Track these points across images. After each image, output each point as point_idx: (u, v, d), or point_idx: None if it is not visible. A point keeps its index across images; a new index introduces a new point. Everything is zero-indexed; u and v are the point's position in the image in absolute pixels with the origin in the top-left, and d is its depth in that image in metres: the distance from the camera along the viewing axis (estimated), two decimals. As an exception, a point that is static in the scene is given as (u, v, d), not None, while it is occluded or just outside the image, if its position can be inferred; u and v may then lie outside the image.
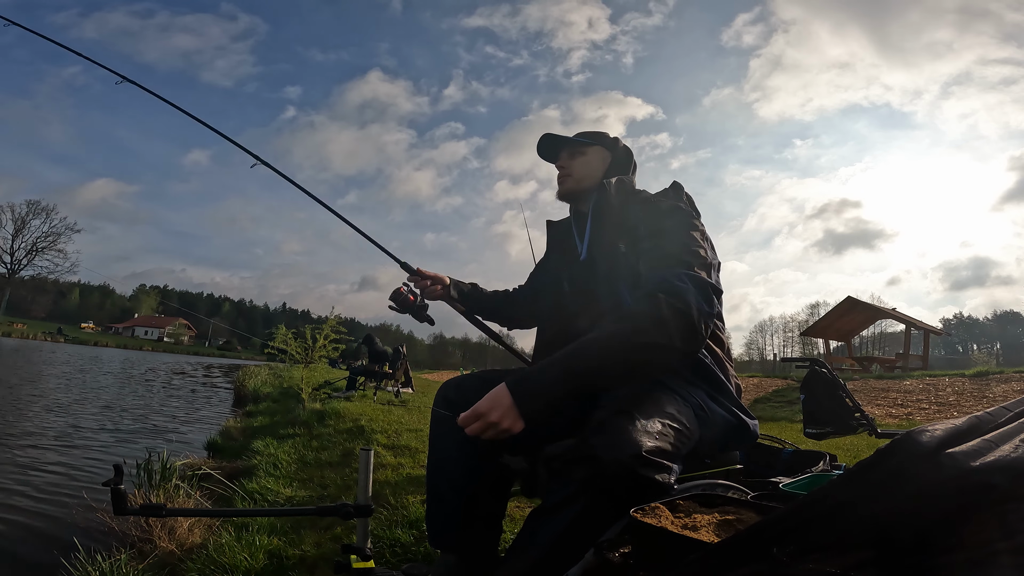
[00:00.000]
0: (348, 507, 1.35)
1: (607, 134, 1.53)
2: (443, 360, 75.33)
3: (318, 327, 7.42)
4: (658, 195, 1.36)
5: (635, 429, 0.97)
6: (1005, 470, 0.56)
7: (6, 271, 58.07)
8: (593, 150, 1.49)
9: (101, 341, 56.67)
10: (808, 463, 1.83)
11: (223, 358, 50.49)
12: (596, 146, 1.49)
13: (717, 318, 1.30)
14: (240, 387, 11.79)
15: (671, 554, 0.77)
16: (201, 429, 6.53)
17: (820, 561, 0.59)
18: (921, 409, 7.15)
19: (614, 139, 1.53)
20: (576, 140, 1.50)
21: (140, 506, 1.23)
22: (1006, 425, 0.64)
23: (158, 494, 2.86)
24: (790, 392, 9.34)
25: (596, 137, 1.51)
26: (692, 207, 1.33)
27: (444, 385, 1.40)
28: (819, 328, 17.07)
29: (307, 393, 6.99)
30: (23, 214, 58.63)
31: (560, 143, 1.52)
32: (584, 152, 1.49)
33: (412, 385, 10.35)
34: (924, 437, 0.60)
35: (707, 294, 1.10)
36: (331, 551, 2.04)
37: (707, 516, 0.87)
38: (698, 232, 1.24)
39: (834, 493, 0.62)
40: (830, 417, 2.16)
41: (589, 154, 1.49)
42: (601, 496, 0.93)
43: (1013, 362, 46.15)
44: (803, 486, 1.19)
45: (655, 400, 1.11)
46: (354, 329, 16.46)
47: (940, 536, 0.56)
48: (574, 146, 1.50)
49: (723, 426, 1.21)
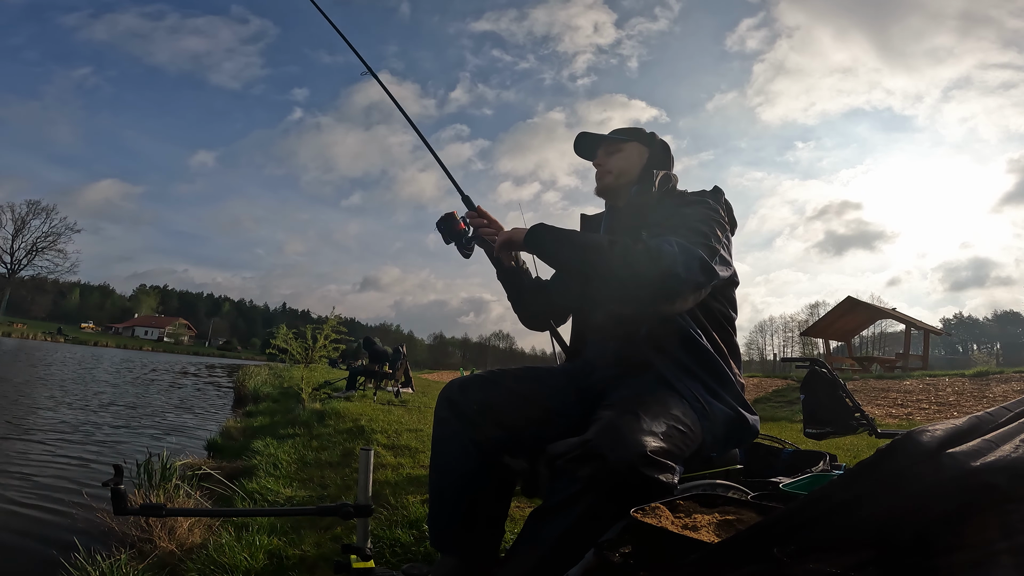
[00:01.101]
0: (348, 507, 1.35)
1: (643, 130, 1.53)
2: (443, 360, 75.34)
3: (318, 327, 7.43)
4: (695, 194, 1.38)
5: (640, 429, 0.98)
6: (1005, 470, 0.56)
7: (6, 271, 58.11)
8: (630, 146, 1.49)
9: (101, 341, 56.62)
10: (808, 463, 1.83)
11: (223, 358, 50.51)
12: (633, 142, 1.50)
13: (726, 320, 1.33)
14: (240, 387, 11.79)
15: (671, 554, 0.77)
16: (201, 429, 6.53)
17: (820, 561, 0.59)
18: (921, 409, 7.16)
19: (651, 134, 1.53)
20: (613, 137, 1.50)
21: (140, 506, 1.23)
22: (1006, 425, 0.64)
23: (158, 494, 2.85)
24: (790, 392, 9.34)
25: (632, 133, 1.52)
26: (725, 210, 1.33)
27: (447, 386, 1.39)
28: (819, 328, 17.08)
29: (307, 393, 6.99)
30: (23, 214, 58.79)
31: (597, 141, 1.53)
32: (621, 149, 1.49)
33: (412, 385, 10.34)
34: (924, 437, 0.60)
35: (690, 263, 1.12)
36: (331, 551, 2.04)
37: (707, 516, 0.87)
38: (715, 224, 1.24)
39: (834, 493, 0.62)
40: (830, 417, 2.16)
41: (626, 150, 1.49)
42: (605, 495, 0.93)
43: (1013, 362, 46.12)
44: (803, 486, 1.19)
45: (660, 401, 1.11)
46: (354, 329, 16.49)
47: (940, 536, 0.56)
48: (611, 143, 1.51)
49: (724, 421, 1.21)
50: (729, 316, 1.35)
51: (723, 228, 1.27)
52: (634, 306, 1.27)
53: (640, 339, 1.28)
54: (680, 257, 1.11)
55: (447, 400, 1.34)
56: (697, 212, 1.27)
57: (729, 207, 1.38)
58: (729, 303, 1.36)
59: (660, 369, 1.23)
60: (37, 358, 18.47)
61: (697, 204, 1.30)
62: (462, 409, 1.31)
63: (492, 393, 1.31)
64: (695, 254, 1.13)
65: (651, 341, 1.27)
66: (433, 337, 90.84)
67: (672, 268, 1.10)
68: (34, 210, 59.22)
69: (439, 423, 1.35)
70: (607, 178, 1.49)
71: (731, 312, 1.36)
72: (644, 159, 1.49)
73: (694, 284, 1.13)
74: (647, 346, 1.27)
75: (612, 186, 1.49)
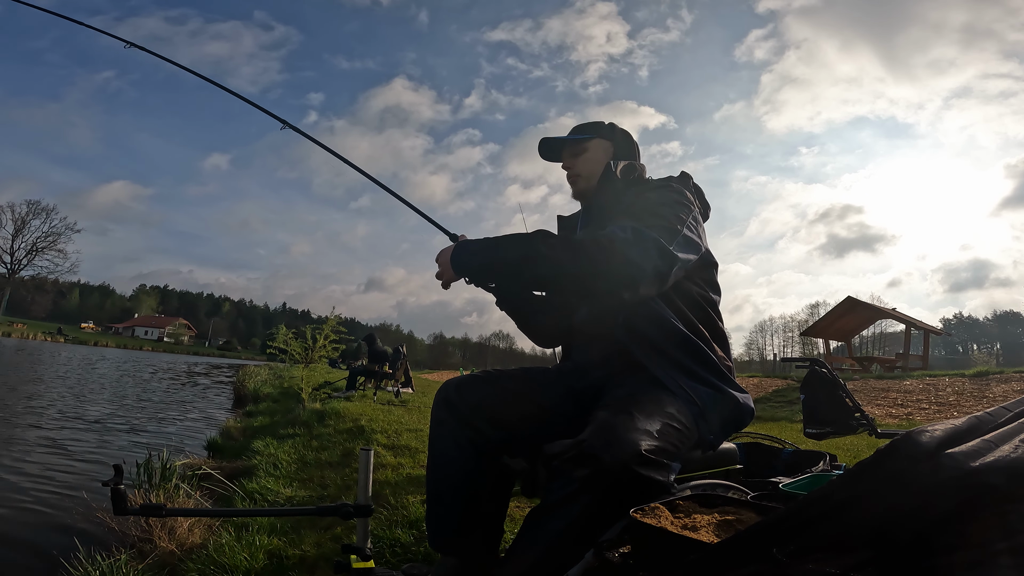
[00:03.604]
0: (348, 507, 1.35)
1: (602, 123, 1.51)
2: (443, 360, 75.32)
3: (318, 327, 7.42)
4: (660, 180, 1.36)
5: (635, 428, 0.98)
6: (1005, 470, 0.56)
7: (6, 271, 58.08)
8: (593, 144, 1.47)
9: (101, 341, 56.62)
10: (808, 463, 1.83)
11: (223, 358, 50.49)
12: (595, 139, 1.48)
13: (707, 303, 1.30)
14: (240, 387, 11.79)
15: (671, 554, 0.77)
16: (201, 428, 6.53)
17: (820, 561, 0.59)
18: (921, 409, 7.15)
19: (610, 126, 1.51)
20: (574, 138, 1.48)
21: (140, 506, 1.23)
22: (1006, 425, 0.64)
23: (158, 494, 2.85)
24: (790, 392, 9.33)
25: (592, 129, 1.49)
26: (693, 193, 1.31)
27: (444, 386, 1.39)
28: (819, 328, 17.07)
29: (307, 393, 6.99)
30: (23, 214, 58.77)
31: (559, 144, 1.51)
32: (586, 149, 1.47)
33: (412, 385, 10.34)
34: (924, 437, 0.60)
35: (645, 247, 1.09)
36: (331, 551, 2.04)
37: (707, 516, 0.87)
38: (678, 206, 1.22)
39: (834, 493, 0.62)
40: (830, 417, 2.16)
41: (591, 149, 1.47)
42: (601, 495, 0.93)
43: (1013, 362, 46.12)
44: (803, 486, 1.19)
45: (655, 399, 1.11)
46: (354, 329, 16.49)
47: (940, 536, 0.56)
48: (574, 144, 1.48)
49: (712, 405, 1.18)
50: (709, 299, 1.31)
51: (687, 210, 1.23)
52: (594, 300, 1.25)
53: (619, 332, 1.25)
54: (633, 243, 1.08)
55: (444, 400, 1.34)
56: (659, 196, 1.25)
57: (699, 191, 1.35)
58: (709, 285, 1.32)
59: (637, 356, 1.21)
60: (38, 358, 18.47)
61: (660, 189, 1.28)
62: (459, 409, 1.30)
63: (489, 393, 1.31)
64: (649, 237, 1.10)
65: (628, 333, 1.23)
66: (433, 337, 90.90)
67: (625, 254, 1.07)
68: (34, 210, 59.33)
69: (436, 423, 1.35)
70: (579, 183, 1.47)
71: (711, 295, 1.32)
72: (609, 154, 1.47)
73: (653, 270, 1.09)
74: (626, 339, 1.24)
75: (585, 189, 1.47)
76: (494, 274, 1.21)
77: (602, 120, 1.52)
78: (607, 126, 1.50)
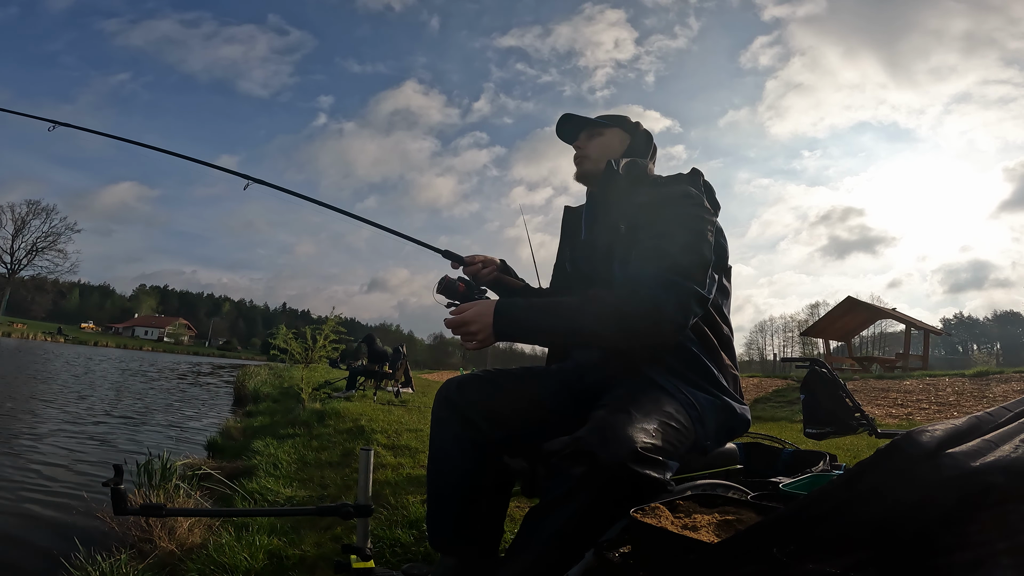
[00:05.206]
0: (348, 507, 1.35)
1: (628, 117, 1.49)
2: (443, 360, 75.19)
3: (318, 327, 7.42)
4: (671, 178, 1.33)
5: (632, 427, 0.98)
6: (1005, 470, 0.56)
7: (6, 271, 58.01)
8: (612, 132, 1.45)
9: (101, 341, 56.61)
10: (808, 463, 1.82)
11: (223, 358, 50.48)
12: (615, 128, 1.46)
13: (716, 311, 1.28)
14: (240, 387, 11.79)
15: (671, 554, 0.77)
16: (201, 428, 6.53)
17: (820, 561, 0.59)
18: (921, 409, 7.15)
19: (635, 123, 1.49)
20: (595, 121, 1.46)
21: (140, 506, 1.23)
22: (1006, 425, 0.64)
23: (158, 494, 2.85)
24: (790, 392, 9.32)
25: (616, 120, 1.48)
26: (707, 197, 1.27)
27: (444, 385, 1.39)
28: (819, 328, 17.07)
29: (307, 393, 6.99)
30: (23, 214, 58.71)
31: (580, 124, 1.48)
32: (602, 133, 1.45)
33: (412, 385, 10.34)
34: (924, 437, 0.60)
35: (686, 305, 1.09)
36: (331, 551, 2.03)
37: (707, 516, 0.87)
38: (703, 225, 1.19)
39: (834, 493, 0.62)
40: (830, 417, 2.15)
41: (607, 136, 1.45)
42: (598, 492, 0.93)
43: (1013, 362, 46.09)
44: (803, 486, 1.19)
45: (653, 399, 1.11)
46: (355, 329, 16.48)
47: (940, 536, 0.56)
48: (593, 127, 1.46)
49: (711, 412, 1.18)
50: (716, 304, 1.28)
51: (711, 223, 1.21)
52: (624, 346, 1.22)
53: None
54: (673, 302, 1.08)
55: (444, 399, 1.34)
56: (681, 215, 1.19)
57: (709, 188, 1.31)
58: (719, 290, 1.29)
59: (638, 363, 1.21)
60: (38, 358, 18.46)
61: (680, 202, 1.22)
62: (460, 408, 1.30)
63: (489, 392, 1.31)
64: (689, 292, 1.10)
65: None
66: (433, 337, 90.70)
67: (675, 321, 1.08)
68: (34, 210, 59.27)
69: (437, 423, 1.35)
70: (585, 163, 1.45)
71: (719, 299, 1.29)
72: (624, 146, 1.44)
73: (688, 320, 1.11)
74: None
75: (590, 171, 1.43)
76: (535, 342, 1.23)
77: (628, 116, 1.50)
78: (632, 122, 1.49)
